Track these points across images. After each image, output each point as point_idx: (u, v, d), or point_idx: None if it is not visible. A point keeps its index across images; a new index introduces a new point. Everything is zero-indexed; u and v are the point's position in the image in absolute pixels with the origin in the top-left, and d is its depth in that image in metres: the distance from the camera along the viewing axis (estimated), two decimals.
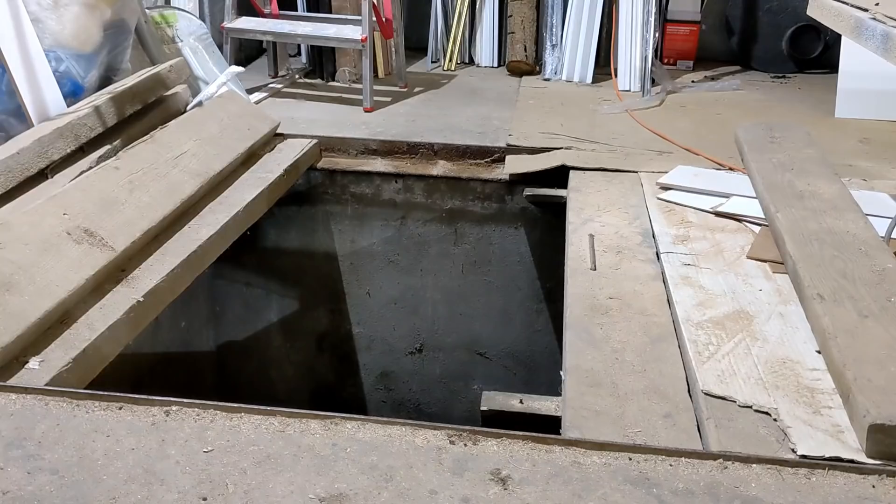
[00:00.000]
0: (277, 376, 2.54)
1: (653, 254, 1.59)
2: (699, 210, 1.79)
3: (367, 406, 2.53)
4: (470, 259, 2.31)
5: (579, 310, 1.38)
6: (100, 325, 1.27)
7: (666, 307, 1.39)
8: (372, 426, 1.03)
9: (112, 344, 1.27)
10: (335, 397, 2.54)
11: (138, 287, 1.40)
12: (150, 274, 1.45)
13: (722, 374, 1.17)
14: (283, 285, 2.43)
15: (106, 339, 1.26)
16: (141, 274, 1.45)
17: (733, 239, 1.65)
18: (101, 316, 1.30)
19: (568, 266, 1.55)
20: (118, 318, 1.30)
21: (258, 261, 2.39)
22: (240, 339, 2.49)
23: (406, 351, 2.45)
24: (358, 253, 2.36)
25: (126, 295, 1.37)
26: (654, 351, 1.25)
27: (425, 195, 2.26)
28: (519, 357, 2.39)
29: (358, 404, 2.54)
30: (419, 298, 2.38)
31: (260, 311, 2.47)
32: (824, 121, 2.61)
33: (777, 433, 1.04)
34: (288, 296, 2.44)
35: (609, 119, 2.57)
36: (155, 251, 1.53)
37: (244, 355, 2.52)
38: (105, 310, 1.32)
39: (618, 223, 1.74)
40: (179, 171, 1.75)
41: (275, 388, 2.55)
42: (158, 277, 1.44)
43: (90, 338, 1.23)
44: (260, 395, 2.55)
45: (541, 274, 2.30)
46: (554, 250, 2.25)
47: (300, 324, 2.47)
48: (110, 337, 1.27)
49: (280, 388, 2.55)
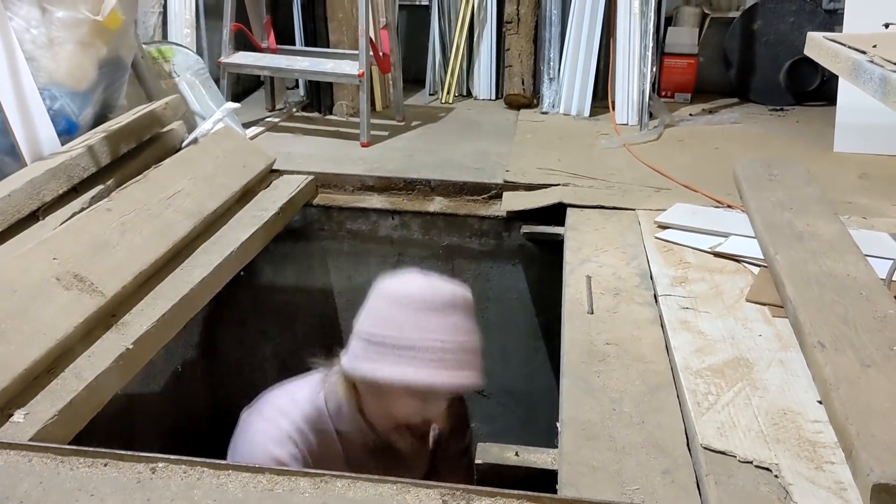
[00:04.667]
0: None
1: (651, 296, 1.57)
2: (697, 250, 1.77)
3: None
4: None
5: (576, 356, 1.35)
6: (88, 375, 1.24)
7: (664, 353, 1.37)
8: (363, 485, 1.00)
9: (100, 393, 1.25)
10: None
11: (128, 333, 1.38)
12: (141, 319, 1.43)
13: (721, 427, 1.14)
14: (278, 322, 2.41)
15: (94, 390, 1.23)
16: (131, 319, 1.43)
17: (732, 281, 1.63)
18: (89, 364, 1.27)
19: (565, 309, 1.53)
20: (107, 367, 1.27)
21: (253, 298, 2.37)
22: (235, 378, 2.46)
23: None
24: (355, 289, 2.33)
25: (115, 341, 1.35)
26: (652, 401, 1.22)
27: (422, 232, 2.24)
28: (517, 395, 2.36)
29: None
30: None
31: (255, 349, 2.44)
32: (823, 155, 2.60)
33: (778, 491, 1.01)
34: (283, 333, 2.42)
35: (607, 154, 2.56)
36: (146, 294, 1.51)
37: (239, 394, 2.47)
38: (94, 358, 1.29)
39: (615, 263, 1.72)
40: (173, 212, 1.73)
41: None
42: (149, 323, 1.41)
43: (77, 388, 1.21)
44: None
45: (539, 311, 2.27)
46: (552, 287, 2.23)
47: (296, 362, 2.43)
48: (98, 386, 1.24)
49: None
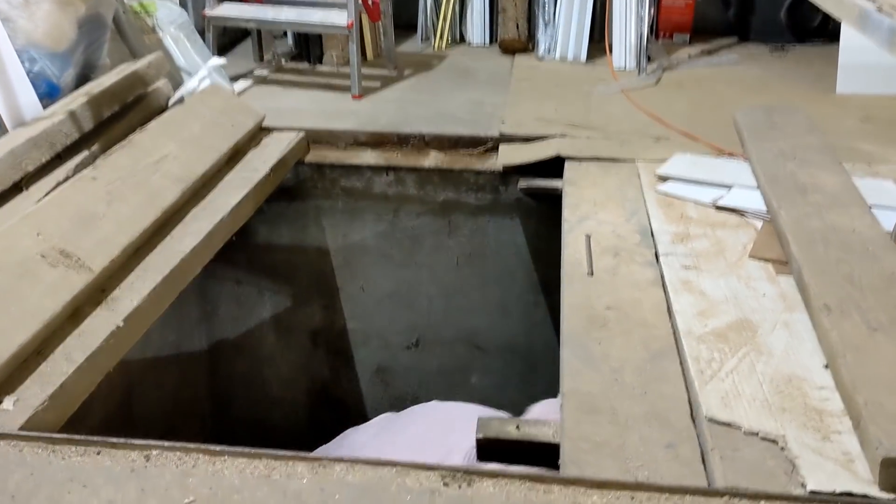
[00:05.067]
0: (272, 375, 2.50)
1: (651, 255, 1.54)
2: (699, 203, 1.73)
3: (364, 402, 2.49)
4: (465, 251, 2.26)
5: (576, 322, 1.33)
6: (78, 356, 1.22)
7: (666, 317, 1.34)
8: (361, 468, 0.98)
9: (91, 375, 1.22)
10: (331, 394, 2.51)
11: (118, 309, 1.35)
12: (131, 294, 1.39)
13: (726, 396, 1.12)
14: (274, 282, 2.38)
15: (85, 371, 1.21)
16: (121, 294, 1.39)
17: (735, 236, 1.59)
18: (79, 345, 1.25)
19: (564, 271, 1.49)
20: (98, 347, 1.24)
21: (249, 258, 2.34)
22: (232, 338, 2.45)
23: (403, 345, 2.40)
24: (350, 248, 2.30)
25: (106, 319, 1.32)
26: (654, 369, 1.20)
27: (418, 187, 2.20)
28: (517, 350, 2.35)
29: (355, 401, 2.50)
30: (414, 292, 2.33)
31: (252, 309, 2.42)
32: (825, 98, 2.54)
33: (785, 464, 1.00)
34: (280, 292, 2.39)
35: (604, 101, 2.50)
36: (136, 266, 1.48)
37: (237, 354, 2.47)
38: (83, 337, 1.27)
39: (615, 220, 1.68)
40: (160, 177, 1.68)
41: (269, 386, 2.51)
42: (139, 297, 1.38)
43: (67, 371, 1.18)
44: (255, 394, 2.51)
45: (537, 265, 2.24)
46: (550, 241, 2.20)
47: (293, 321, 2.42)
48: (90, 368, 1.22)
49: (275, 387, 2.51)
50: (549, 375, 2.37)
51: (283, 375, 2.49)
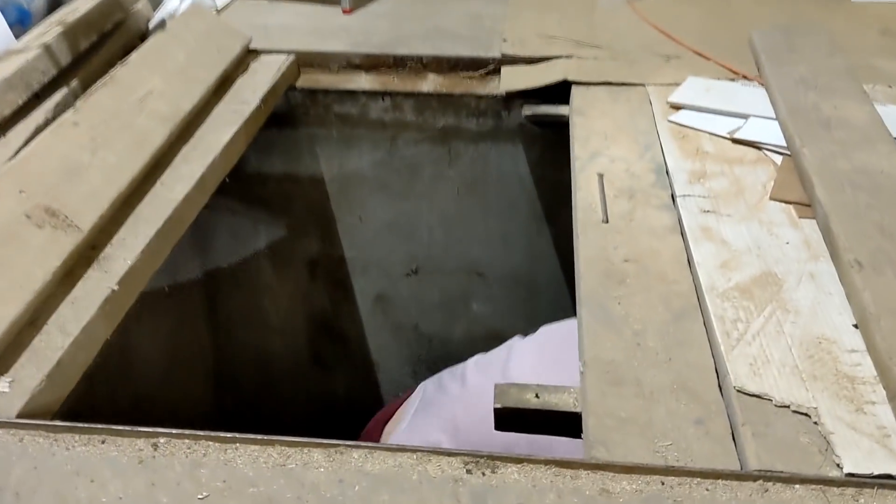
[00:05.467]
0: (271, 305, 2.45)
1: (668, 196, 1.47)
2: (715, 135, 1.65)
3: (365, 331, 2.46)
4: (466, 181, 2.18)
5: (593, 278, 1.27)
6: (72, 327, 1.15)
7: (687, 270, 1.28)
8: (381, 455, 0.94)
9: (88, 347, 1.17)
10: (331, 323, 2.47)
11: (112, 269, 1.28)
12: (124, 250, 1.32)
13: (754, 362, 1.08)
14: (269, 212, 2.30)
15: (81, 344, 1.15)
16: (113, 251, 1.32)
17: (754, 173, 1.52)
18: (73, 313, 1.18)
19: (577, 218, 1.43)
20: (93, 316, 1.18)
21: (241, 188, 2.25)
22: (228, 269, 2.39)
23: (402, 275, 2.35)
24: (346, 177, 2.22)
25: (99, 282, 1.25)
26: (678, 332, 1.15)
27: (416, 113, 2.10)
28: (520, 279, 2.31)
29: (356, 330, 2.47)
30: (414, 222, 2.26)
31: (247, 241, 2.35)
32: (839, 7, 2.41)
33: (819, 441, 0.96)
34: (275, 223, 2.32)
35: (610, 14, 2.37)
36: (126, 219, 1.40)
37: (234, 285, 2.42)
38: (77, 305, 1.20)
39: (628, 156, 1.60)
40: (146, 118, 1.58)
41: (269, 317, 2.47)
42: (133, 255, 1.31)
43: (63, 345, 1.12)
44: (254, 325, 2.47)
45: (541, 193, 2.17)
46: (555, 169, 2.12)
47: (290, 251, 2.36)
48: (85, 340, 1.16)
49: (274, 318, 2.47)
50: (551, 303, 2.34)
51: (282, 306, 2.45)
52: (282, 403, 2.63)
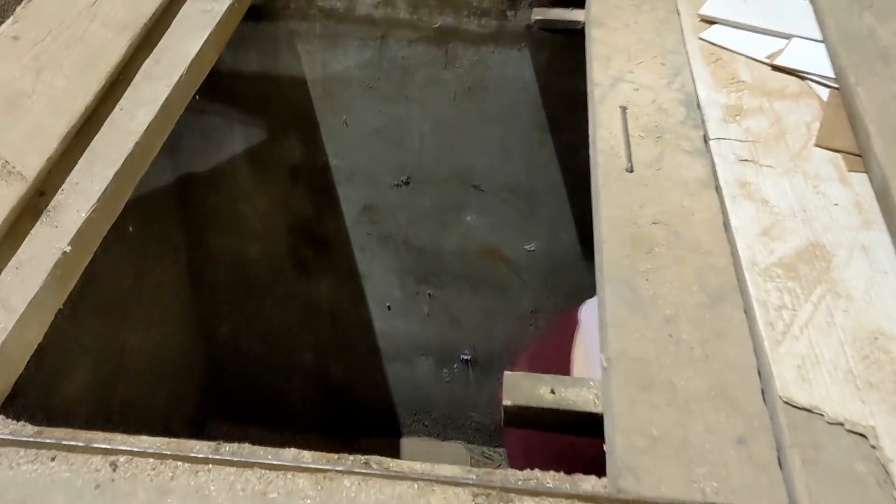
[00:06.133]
0: (249, 210, 2.28)
1: (700, 138, 1.29)
2: (752, 59, 1.45)
3: (350, 240, 2.31)
4: (463, 85, 1.97)
5: (618, 246, 1.11)
6: (18, 302, 0.99)
7: (723, 236, 1.13)
8: (377, 483, 0.82)
9: (37, 323, 1.01)
10: (314, 230, 2.31)
11: (62, 223, 1.11)
12: (76, 198, 1.14)
13: (802, 364, 0.94)
14: (245, 113, 2.10)
15: (28, 321, 0.99)
16: (64, 199, 1.14)
17: (797, 110, 1.34)
18: (18, 283, 1.02)
19: (597, 164, 1.25)
20: (42, 284, 1.02)
21: (213, 86, 2.02)
22: (201, 172, 2.20)
23: (391, 184, 2.18)
24: (331, 78, 2.00)
25: (48, 241, 1.08)
26: (715, 319, 1.01)
27: (410, 10, 1.86)
28: (518, 190, 2.14)
29: (340, 238, 2.31)
30: (404, 129, 2.07)
31: (221, 142, 2.15)
32: None
33: (877, 471, 0.84)
34: (252, 124, 2.11)
35: None
36: (79, 156, 1.21)
37: (209, 188, 2.24)
38: (22, 271, 1.04)
39: (654, 83, 1.41)
40: (100, 26, 1.36)
41: (247, 222, 2.31)
42: (87, 204, 1.13)
43: (7, 325, 0.97)
44: (231, 229, 2.31)
45: (546, 102, 1.97)
46: (563, 76, 1.93)
47: (270, 155, 2.17)
48: (33, 315, 1.00)
49: (253, 223, 2.31)
50: (551, 216, 2.19)
51: (261, 211, 2.29)
52: (263, 306, 2.51)
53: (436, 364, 2.58)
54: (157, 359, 2.31)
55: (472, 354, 2.53)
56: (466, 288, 2.37)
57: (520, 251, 2.26)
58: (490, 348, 2.51)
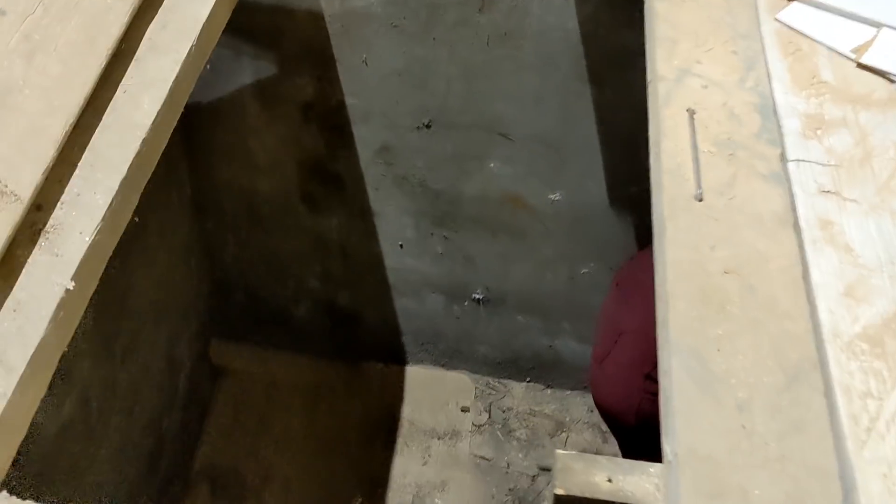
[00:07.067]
0: (258, 146, 2.13)
1: (776, 157, 1.15)
2: (835, 52, 1.29)
3: (364, 179, 2.17)
4: (499, 31, 1.78)
5: (686, 302, 1.00)
6: (18, 359, 0.88)
7: (802, 293, 1.01)
8: None
9: (39, 380, 0.91)
10: (326, 169, 2.17)
11: (63, 249, 0.98)
12: (78, 216, 1.01)
13: (889, 473, 0.86)
14: (255, 46, 1.91)
15: (30, 379, 0.89)
16: (65, 217, 1.01)
17: (883, 124, 1.19)
18: (16, 334, 0.90)
19: (662, 187, 1.12)
20: (43, 335, 0.91)
21: None
22: (207, 104, 2.04)
23: (411, 127, 2.02)
24: (351, 13, 1.81)
25: (47, 274, 0.96)
26: (792, 407, 0.91)
27: None
28: (549, 142, 1.99)
29: (353, 177, 2.18)
30: (430, 71, 1.89)
31: (229, 74, 1.97)
32: None
33: None
34: (262, 58, 1.93)
35: None
36: (79, 157, 1.07)
37: (215, 122, 2.08)
38: (20, 316, 0.92)
39: (725, 80, 1.25)
40: None
41: (255, 157, 2.16)
42: (91, 224, 1.00)
43: (6, 390, 0.86)
44: (239, 163, 2.17)
45: (588, 52, 1.80)
46: (608, 28, 1.75)
47: (281, 91, 2.00)
48: (35, 372, 0.90)
49: (262, 158, 2.16)
50: (580, 167, 2.05)
51: (270, 147, 2.14)
52: (270, 238, 2.41)
53: (447, 300, 2.50)
54: (162, 293, 2.22)
55: (485, 294, 2.45)
56: (484, 232, 2.26)
57: (544, 200, 2.13)
58: (504, 289, 2.43)
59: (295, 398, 2.79)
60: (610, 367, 1.74)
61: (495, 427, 2.76)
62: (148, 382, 2.23)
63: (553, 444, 2.77)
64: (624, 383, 1.72)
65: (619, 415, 1.77)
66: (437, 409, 2.78)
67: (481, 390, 2.81)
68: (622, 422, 1.77)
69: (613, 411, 1.79)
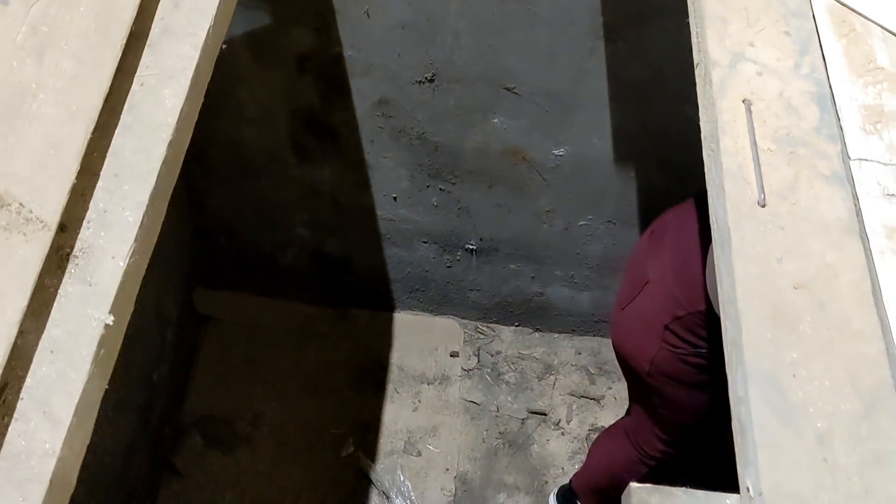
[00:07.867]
0: (247, 96, 2.01)
1: (837, 155, 1.10)
2: (890, 34, 1.23)
3: (359, 131, 2.07)
4: None
5: (759, 323, 0.96)
6: (63, 409, 0.81)
7: (873, 310, 0.98)
8: None
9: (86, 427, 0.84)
10: (320, 121, 2.06)
11: (96, 277, 0.89)
12: (107, 237, 0.92)
13: None
14: None
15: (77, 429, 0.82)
16: (93, 238, 0.92)
17: None
18: (56, 379, 0.83)
19: (723, 192, 1.06)
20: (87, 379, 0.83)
21: None
22: None
23: (413, 80, 1.92)
24: None
25: (82, 307, 0.87)
26: (871, 438, 0.89)
27: None
28: (556, 95, 1.91)
29: (348, 128, 2.07)
30: (437, 25, 1.78)
31: None
32: None
33: None
34: (255, 7, 1.79)
35: None
36: (101, 166, 0.97)
37: None
38: (59, 359, 0.84)
39: (780, 65, 1.18)
40: None
41: (244, 107, 2.04)
42: (124, 247, 0.91)
43: (55, 446, 0.79)
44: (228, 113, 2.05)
45: (605, 9, 1.70)
46: None
47: (274, 41, 1.87)
48: (82, 420, 0.83)
49: (250, 108, 2.04)
50: (587, 123, 1.99)
51: (261, 98, 2.01)
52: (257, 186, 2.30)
53: (438, 250, 2.45)
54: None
55: (478, 245, 2.40)
56: (481, 184, 2.19)
57: (547, 154, 2.07)
58: (497, 238, 2.38)
59: (282, 342, 2.75)
60: (631, 314, 1.72)
61: (484, 371, 2.76)
62: (138, 334, 2.16)
63: (542, 386, 2.78)
64: (643, 332, 1.71)
65: (635, 361, 1.77)
66: (426, 355, 2.76)
67: (470, 335, 2.80)
68: (636, 368, 1.78)
69: (629, 357, 1.79)
